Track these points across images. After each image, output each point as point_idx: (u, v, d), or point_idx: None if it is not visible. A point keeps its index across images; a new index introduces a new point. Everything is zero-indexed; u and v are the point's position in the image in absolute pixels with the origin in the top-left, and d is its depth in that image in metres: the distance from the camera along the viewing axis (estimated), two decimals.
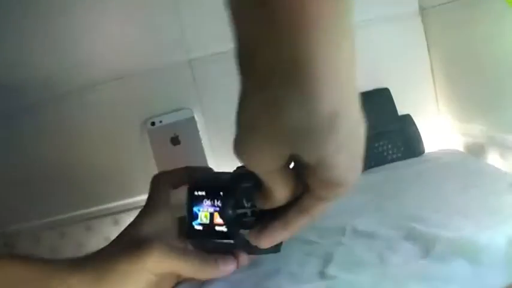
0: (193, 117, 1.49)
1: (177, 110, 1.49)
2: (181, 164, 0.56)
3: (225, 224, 0.38)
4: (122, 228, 1.84)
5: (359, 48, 1.45)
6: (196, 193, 0.40)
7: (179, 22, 1.50)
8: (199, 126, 1.50)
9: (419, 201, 1.17)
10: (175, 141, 1.47)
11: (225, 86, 1.74)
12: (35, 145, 1.44)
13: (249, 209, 0.38)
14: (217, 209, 0.37)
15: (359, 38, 1.43)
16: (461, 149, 1.50)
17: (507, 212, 0.98)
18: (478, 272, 0.83)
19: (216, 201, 0.38)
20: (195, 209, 0.39)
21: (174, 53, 1.51)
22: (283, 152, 0.27)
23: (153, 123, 1.46)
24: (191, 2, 1.50)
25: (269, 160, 0.29)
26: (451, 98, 1.56)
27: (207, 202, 0.38)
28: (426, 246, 0.97)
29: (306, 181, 0.31)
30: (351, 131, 0.25)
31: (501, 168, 1.25)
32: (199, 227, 0.39)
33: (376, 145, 1.51)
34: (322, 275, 1.00)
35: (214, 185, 0.40)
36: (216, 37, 1.64)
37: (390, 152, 1.51)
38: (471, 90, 1.40)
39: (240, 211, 0.38)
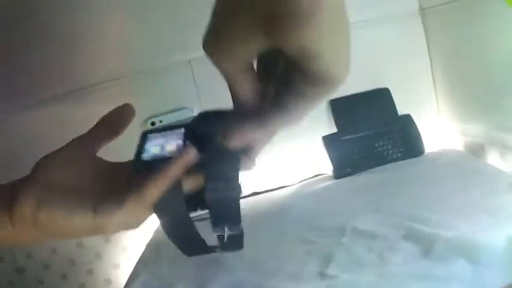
0: (193, 117, 1.48)
1: (177, 110, 1.50)
2: None
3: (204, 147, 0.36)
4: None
5: (359, 48, 1.45)
6: (149, 135, 0.37)
7: (179, 22, 1.50)
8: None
9: (419, 201, 1.18)
10: None
11: (225, 86, 1.74)
12: (34, 145, 1.44)
13: (218, 139, 0.36)
14: (171, 141, 0.36)
15: (359, 38, 1.43)
16: (461, 149, 1.51)
17: (507, 212, 0.99)
18: (478, 271, 0.83)
19: (169, 136, 0.36)
20: (146, 145, 0.36)
21: (174, 53, 1.52)
22: (259, 43, 0.26)
23: (153, 123, 1.46)
24: (191, 2, 1.50)
25: (242, 54, 0.28)
26: (451, 98, 1.57)
27: (159, 139, 0.36)
28: (426, 246, 0.98)
29: (284, 77, 0.29)
30: (333, 20, 0.24)
31: (501, 168, 1.25)
32: (149, 158, 0.35)
33: (376, 145, 1.51)
34: (322, 275, 1.00)
35: (171, 126, 0.38)
36: None
37: (390, 152, 1.51)
38: (471, 90, 1.40)
39: (209, 138, 0.36)
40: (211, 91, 1.55)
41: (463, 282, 0.79)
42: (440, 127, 1.62)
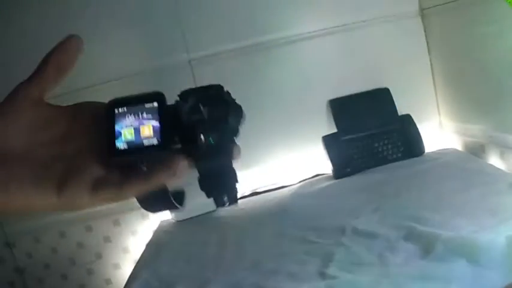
0: None
1: None
2: None
3: (179, 129, 0.33)
4: (122, 228, 1.83)
5: (359, 48, 1.45)
6: (116, 111, 0.33)
7: (179, 22, 1.50)
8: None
9: (419, 201, 1.18)
10: None
11: (225, 86, 1.74)
12: None
13: (207, 113, 0.33)
14: (145, 121, 0.32)
15: (359, 38, 1.43)
16: (461, 149, 1.51)
17: (507, 212, 0.98)
18: (478, 272, 0.83)
19: (141, 114, 0.33)
20: (117, 128, 0.32)
21: (174, 53, 1.52)
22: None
23: None
24: (191, 2, 1.50)
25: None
26: (451, 97, 1.57)
27: (130, 118, 0.33)
28: (426, 246, 0.97)
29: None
30: None
31: (501, 168, 1.25)
32: (124, 146, 0.32)
33: (376, 145, 1.51)
34: (322, 274, 1.00)
35: (140, 97, 0.34)
36: (215, 37, 1.65)
37: (390, 152, 1.51)
38: (471, 90, 1.40)
39: (194, 117, 0.33)
40: None
41: (463, 282, 0.79)
42: (440, 127, 1.62)
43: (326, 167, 1.53)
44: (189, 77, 1.51)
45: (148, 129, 0.32)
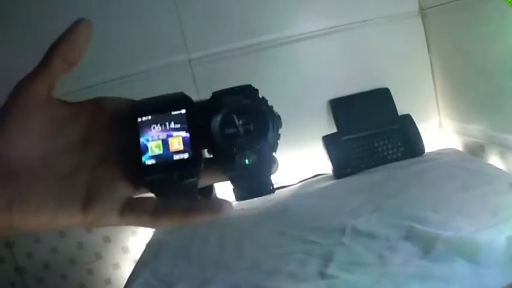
0: None
1: None
2: None
3: (210, 143, 0.29)
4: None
5: (359, 48, 1.45)
6: (140, 120, 0.29)
7: (179, 22, 1.50)
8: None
9: (419, 201, 1.18)
10: None
11: (225, 86, 1.74)
12: None
13: (242, 127, 0.29)
14: (173, 132, 0.29)
15: (359, 38, 1.43)
16: (461, 149, 1.51)
17: (507, 212, 0.99)
18: (478, 271, 0.83)
19: (168, 124, 0.29)
20: (142, 140, 0.29)
21: (174, 53, 1.52)
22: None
23: None
24: (191, 2, 1.50)
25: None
26: (451, 97, 1.57)
27: (157, 128, 0.29)
28: (426, 246, 0.97)
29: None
30: None
31: (501, 168, 1.25)
32: (152, 161, 0.28)
33: (376, 145, 1.51)
34: (322, 274, 1.00)
35: (165, 103, 0.30)
36: (215, 37, 1.66)
37: (390, 152, 1.51)
38: (471, 90, 1.40)
39: (228, 131, 0.29)
40: (211, 91, 1.56)
41: (463, 282, 0.79)
42: (440, 127, 1.62)
43: (326, 167, 1.53)
44: (189, 77, 1.51)
45: (177, 142, 0.29)
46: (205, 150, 0.30)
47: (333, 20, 1.53)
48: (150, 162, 0.29)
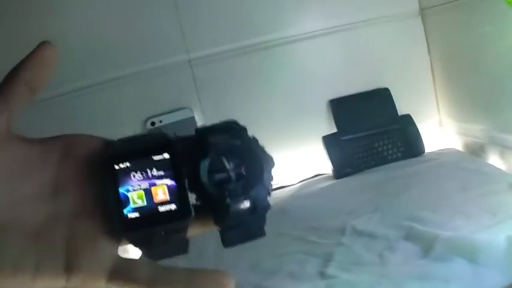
0: (193, 117, 1.49)
1: (177, 110, 1.50)
2: None
3: (197, 191, 0.26)
4: None
5: (359, 48, 1.45)
6: (117, 167, 0.25)
7: (179, 22, 1.50)
8: (199, 126, 1.50)
9: (419, 201, 1.18)
10: None
11: (225, 86, 1.76)
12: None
13: (234, 171, 0.26)
14: (157, 181, 0.25)
15: (359, 38, 1.43)
16: (461, 149, 1.51)
17: (507, 212, 0.99)
18: (478, 271, 0.83)
19: (150, 171, 0.25)
20: (121, 191, 0.25)
21: (174, 53, 1.52)
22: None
23: (153, 123, 1.46)
24: (191, 2, 1.50)
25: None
26: (451, 98, 1.57)
27: (137, 176, 0.25)
28: (426, 246, 0.98)
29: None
30: None
31: (501, 168, 1.25)
32: (135, 215, 0.25)
33: (376, 145, 1.51)
34: (322, 274, 1.00)
35: (144, 147, 0.26)
36: (215, 37, 1.65)
37: (390, 152, 1.51)
38: (471, 90, 1.40)
39: (218, 176, 0.26)
40: (211, 91, 1.56)
41: (463, 282, 0.79)
42: (440, 127, 1.62)
43: (326, 167, 1.53)
44: (189, 77, 1.51)
45: (162, 191, 0.25)
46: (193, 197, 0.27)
47: (333, 20, 1.53)
48: (133, 215, 0.25)
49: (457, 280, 0.79)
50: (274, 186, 0.27)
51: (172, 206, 0.25)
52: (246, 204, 0.26)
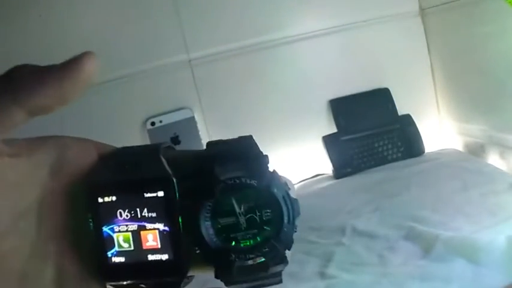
0: (193, 117, 1.49)
1: (177, 110, 1.49)
2: None
3: (180, 247, 0.20)
4: None
5: (359, 48, 1.45)
6: (101, 200, 0.21)
7: (179, 22, 1.50)
8: (199, 126, 1.50)
9: (419, 201, 1.18)
10: (175, 141, 1.47)
11: (225, 86, 1.75)
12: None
13: (244, 216, 0.20)
14: (147, 223, 0.20)
15: (359, 38, 1.43)
16: (461, 149, 1.51)
17: (507, 212, 0.99)
18: (478, 271, 0.83)
19: (140, 210, 0.20)
20: (105, 229, 0.21)
21: (174, 53, 1.52)
22: None
23: (153, 123, 1.46)
24: (191, 2, 1.50)
25: None
26: (451, 97, 1.57)
27: (124, 214, 0.20)
28: (426, 246, 0.98)
29: None
30: None
31: (501, 168, 1.25)
32: (120, 259, 0.21)
33: (376, 145, 1.51)
34: (322, 274, 1.00)
35: (134, 178, 0.21)
36: (215, 37, 1.65)
37: (390, 152, 1.51)
38: (471, 90, 1.40)
39: (224, 221, 0.21)
40: (211, 91, 1.56)
41: (463, 282, 0.79)
42: (440, 127, 1.62)
43: (326, 167, 1.53)
44: (189, 77, 1.51)
45: (152, 237, 0.21)
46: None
47: (333, 20, 1.53)
48: (117, 259, 0.21)
49: (457, 280, 0.79)
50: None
51: (164, 257, 0.21)
52: (256, 260, 0.21)
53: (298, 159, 1.57)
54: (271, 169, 0.22)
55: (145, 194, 0.21)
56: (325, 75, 1.56)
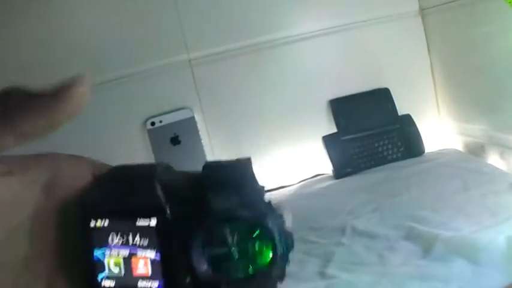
0: (193, 117, 1.49)
1: (177, 110, 1.49)
2: (182, 164, 0.53)
3: (169, 277, 0.21)
4: None
5: (359, 48, 1.45)
6: (93, 224, 0.21)
7: (179, 22, 1.50)
8: (199, 126, 1.50)
9: (419, 201, 1.18)
10: (175, 141, 1.47)
11: (225, 86, 1.75)
12: (34, 146, 1.44)
13: (236, 248, 0.21)
14: (138, 250, 0.21)
15: (359, 38, 1.43)
16: (461, 149, 1.51)
17: (507, 212, 0.99)
18: (478, 271, 0.83)
19: (132, 236, 0.21)
20: (97, 253, 0.21)
21: (174, 53, 1.52)
22: None
23: (153, 123, 1.46)
24: (191, 2, 1.50)
25: None
26: (451, 97, 1.57)
27: (116, 240, 0.21)
28: (426, 246, 0.98)
29: None
30: None
31: (501, 168, 1.25)
32: (110, 283, 0.21)
33: (376, 145, 1.51)
34: (322, 274, 1.00)
35: (127, 204, 0.21)
36: (215, 37, 1.65)
37: (390, 152, 1.51)
38: (471, 90, 1.40)
39: (216, 251, 0.21)
40: (211, 91, 1.56)
41: (463, 282, 0.79)
42: (440, 127, 1.62)
43: (326, 167, 1.53)
44: (189, 77, 1.51)
45: (143, 264, 0.21)
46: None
47: (333, 20, 1.53)
48: (107, 283, 0.21)
49: (457, 280, 0.79)
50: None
51: (154, 284, 0.21)
52: None
53: (298, 159, 1.57)
54: (266, 200, 0.22)
55: (138, 221, 0.21)
56: (325, 75, 1.56)
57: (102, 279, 0.21)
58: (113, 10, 1.47)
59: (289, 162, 1.57)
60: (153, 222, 0.21)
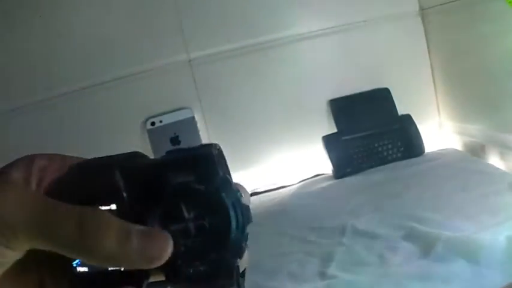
0: (193, 117, 1.49)
1: (177, 110, 1.49)
2: None
3: None
4: None
5: (359, 48, 1.45)
6: None
7: (179, 22, 1.50)
8: (199, 126, 1.50)
9: (419, 201, 1.18)
10: (175, 141, 1.47)
11: (225, 86, 1.75)
12: (34, 146, 1.44)
13: (193, 222, 0.21)
14: None
15: (359, 38, 1.43)
16: (461, 149, 1.51)
17: (507, 212, 0.99)
18: (478, 271, 0.83)
19: None
20: None
21: (174, 53, 1.52)
22: None
23: (153, 123, 1.46)
24: (191, 2, 1.50)
25: None
26: (451, 97, 1.57)
27: None
28: (426, 246, 0.98)
29: None
30: None
31: (501, 168, 1.25)
32: (84, 269, 0.22)
33: (376, 145, 1.51)
34: (322, 274, 1.00)
35: (90, 192, 0.22)
36: (215, 37, 1.65)
37: (390, 152, 1.51)
38: (471, 90, 1.40)
39: (174, 227, 0.21)
40: (211, 91, 1.56)
41: (463, 282, 0.79)
42: (440, 127, 1.62)
43: (326, 167, 1.53)
44: (189, 77, 1.51)
45: None
46: None
47: (333, 20, 1.53)
48: (82, 269, 0.22)
49: (457, 280, 0.79)
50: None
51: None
52: (204, 267, 0.21)
53: (298, 159, 1.57)
54: (224, 175, 0.22)
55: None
56: (325, 75, 1.56)
57: (76, 266, 0.22)
58: (113, 10, 1.47)
59: (289, 162, 1.57)
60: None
